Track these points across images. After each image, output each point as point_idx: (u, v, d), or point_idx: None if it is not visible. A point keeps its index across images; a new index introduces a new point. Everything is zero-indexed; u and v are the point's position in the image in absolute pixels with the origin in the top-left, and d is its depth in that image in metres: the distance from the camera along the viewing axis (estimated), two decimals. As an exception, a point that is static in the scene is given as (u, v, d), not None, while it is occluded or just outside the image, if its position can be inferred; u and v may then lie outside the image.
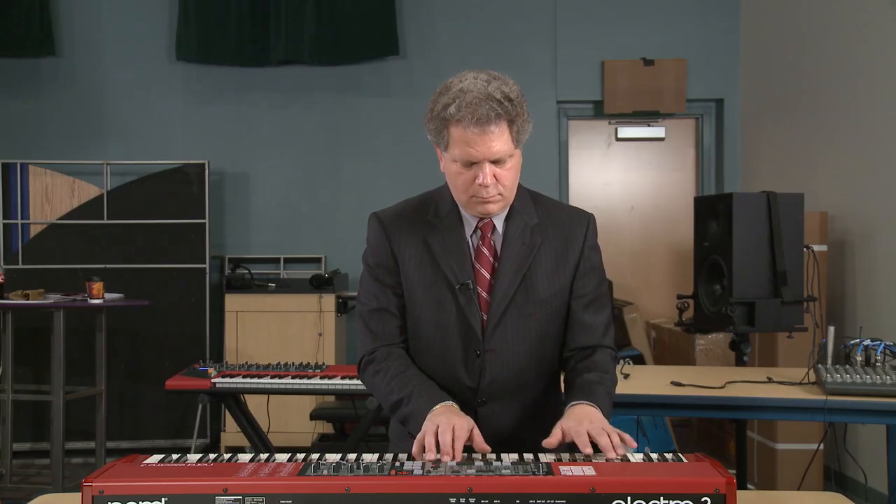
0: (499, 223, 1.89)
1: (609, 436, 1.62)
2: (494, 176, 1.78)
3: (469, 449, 1.63)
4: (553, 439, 1.66)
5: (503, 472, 1.43)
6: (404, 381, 1.83)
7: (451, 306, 1.86)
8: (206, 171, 5.55)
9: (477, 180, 1.78)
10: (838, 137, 4.73)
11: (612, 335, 1.97)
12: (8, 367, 4.76)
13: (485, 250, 1.88)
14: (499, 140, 1.75)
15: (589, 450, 1.60)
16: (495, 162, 1.77)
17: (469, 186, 1.80)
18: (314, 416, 4.72)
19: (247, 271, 5.61)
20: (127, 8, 5.89)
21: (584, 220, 1.95)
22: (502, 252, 1.88)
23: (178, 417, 5.48)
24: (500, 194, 1.81)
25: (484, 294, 1.87)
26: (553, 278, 1.89)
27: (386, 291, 1.92)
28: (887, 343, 2.93)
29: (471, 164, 1.77)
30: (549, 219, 1.92)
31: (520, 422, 1.90)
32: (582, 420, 1.68)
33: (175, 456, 1.56)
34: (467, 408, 1.85)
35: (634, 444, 1.63)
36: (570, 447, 1.66)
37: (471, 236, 1.90)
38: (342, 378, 3.50)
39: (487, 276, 1.87)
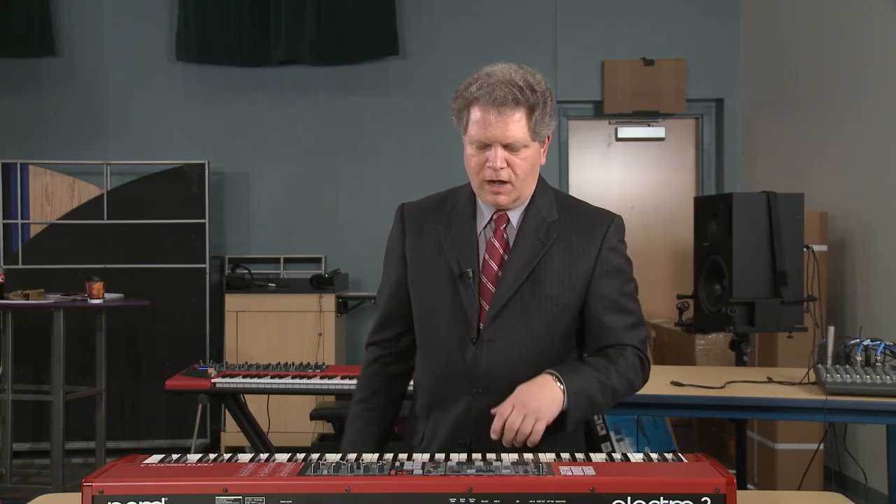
0: (514, 217, 1.89)
1: (517, 430, 1.68)
2: (507, 162, 1.79)
3: (468, 450, 1.63)
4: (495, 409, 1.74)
5: (503, 472, 1.43)
6: (354, 415, 2.00)
7: (451, 295, 1.87)
8: (206, 171, 5.55)
9: (487, 163, 1.79)
10: (838, 137, 4.73)
11: (639, 335, 1.91)
12: (8, 367, 4.76)
13: (496, 242, 1.89)
14: (515, 125, 1.77)
15: (495, 436, 1.69)
16: (508, 147, 1.78)
17: (481, 169, 1.81)
18: (314, 416, 4.71)
19: (247, 271, 5.60)
20: (127, 8, 5.89)
21: (606, 221, 1.93)
22: (514, 245, 1.87)
23: (178, 417, 5.48)
24: (510, 182, 1.81)
25: (489, 285, 1.87)
26: (564, 276, 1.87)
27: (390, 282, 1.99)
28: (887, 343, 2.93)
29: (485, 146, 1.79)
30: (569, 217, 1.91)
31: None
32: (522, 392, 1.73)
33: (175, 456, 1.56)
34: (463, 397, 1.86)
35: (531, 443, 1.68)
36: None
37: (484, 228, 1.90)
38: (342, 378, 3.49)
39: (495, 267, 1.87)
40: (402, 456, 1.56)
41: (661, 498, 1.38)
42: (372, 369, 2.03)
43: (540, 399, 1.71)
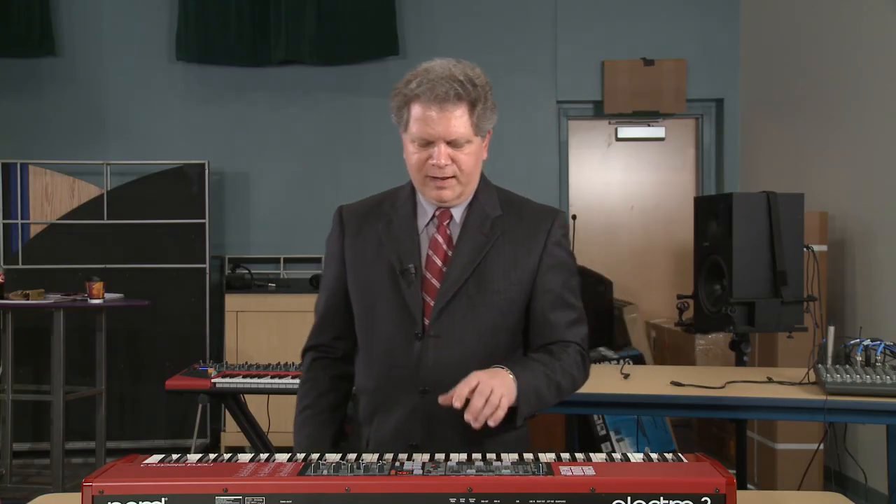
0: (457, 213, 1.88)
1: (486, 399, 1.64)
2: (451, 158, 1.77)
3: (468, 450, 1.63)
4: (447, 396, 1.69)
5: (503, 472, 1.43)
6: (301, 422, 1.97)
7: (392, 292, 1.84)
8: (207, 171, 5.55)
9: (430, 160, 1.77)
10: (838, 137, 4.73)
11: (581, 332, 1.91)
12: (8, 367, 4.76)
13: (439, 237, 1.87)
14: (458, 121, 1.75)
15: (459, 402, 1.64)
16: (451, 143, 1.77)
17: (423, 166, 1.80)
18: (314, 416, 4.71)
19: (247, 271, 5.61)
20: (127, 8, 5.88)
21: (551, 216, 1.91)
22: (458, 240, 1.86)
23: (178, 417, 5.48)
24: (455, 178, 1.80)
25: (433, 280, 1.84)
26: (510, 271, 1.85)
27: (329, 285, 1.98)
28: (887, 343, 2.93)
29: (427, 143, 1.77)
30: (513, 213, 1.90)
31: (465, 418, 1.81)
32: (480, 374, 1.69)
33: (175, 456, 1.56)
34: (409, 397, 1.84)
35: (494, 420, 1.65)
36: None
37: (426, 225, 1.88)
38: (342, 378, 3.49)
39: (439, 263, 1.85)
40: (402, 456, 1.56)
41: (661, 498, 1.38)
42: (313, 374, 1.99)
43: (500, 380, 1.70)
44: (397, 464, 1.50)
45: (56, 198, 5.55)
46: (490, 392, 1.65)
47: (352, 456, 1.55)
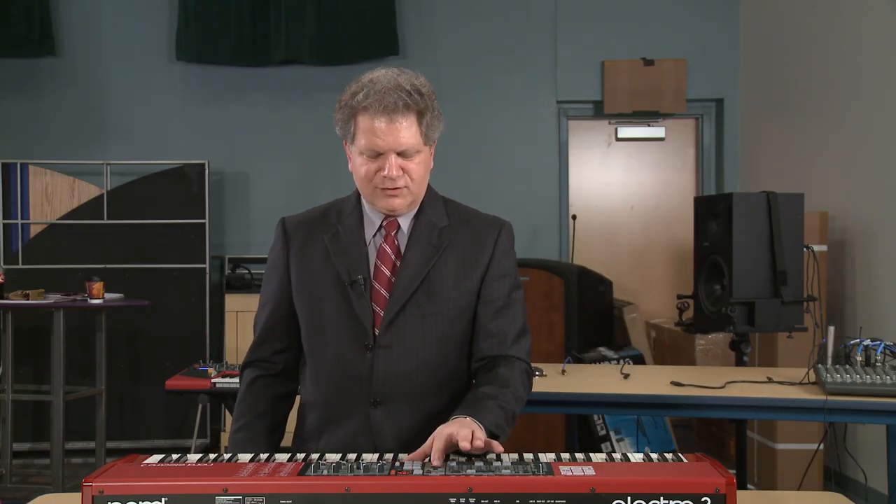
0: (404, 223, 1.87)
1: (473, 433, 1.54)
2: (402, 169, 1.77)
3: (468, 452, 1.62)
4: (415, 454, 1.55)
5: (503, 471, 1.43)
6: (235, 444, 1.89)
7: (342, 303, 1.83)
8: (207, 171, 5.55)
9: (381, 172, 1.76)
10: (838, 137, 4.73)
11: (525, 346, 1.90)
12: (8, 367, 4.76)
13: (387, 248, 1.86)
14: (406, 132, 1.75)
15: (438, 458, 1.50)
16: (402, 154, 1.76)
17: (373, 177, 1.78)
18: (314, 416, 4.71)
19: (247, 271, 5.61)
20: (127, 8, 5.89)
21: (498, 225, 1.91)
22: (406, 251, 1.85)
23: (178, 417, 5.48)
24: (406, 187, 1.79)
25: (383, 291, 1.84)
26: (459, 281, 1.85)
27: (272, 296, 1.93)
28: (887, 343, 2.93)
29: (377, 155, 1.76)
30: (460, 222, 1.90)
31: (418, 431, 1.77)
32: (451, 425, 1.60)
33: (175, 456, 1.56)
34: (360, 409, 1.83)
35: (500, 450, 1.56)
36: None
37: (374, 235, 1.87)
38: (342, 378, 3.49)
39: (388, 273, 1.84)
40: (403, 456, 1.56)
41: (661, 498, 1.38)
42: (255, 391, 1.95)
43: (468, 428, 1.59)
44: (397, 464, 1.50)
45: (56, 198, 5.56)
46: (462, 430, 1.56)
47: (352, 456, 1.55)
